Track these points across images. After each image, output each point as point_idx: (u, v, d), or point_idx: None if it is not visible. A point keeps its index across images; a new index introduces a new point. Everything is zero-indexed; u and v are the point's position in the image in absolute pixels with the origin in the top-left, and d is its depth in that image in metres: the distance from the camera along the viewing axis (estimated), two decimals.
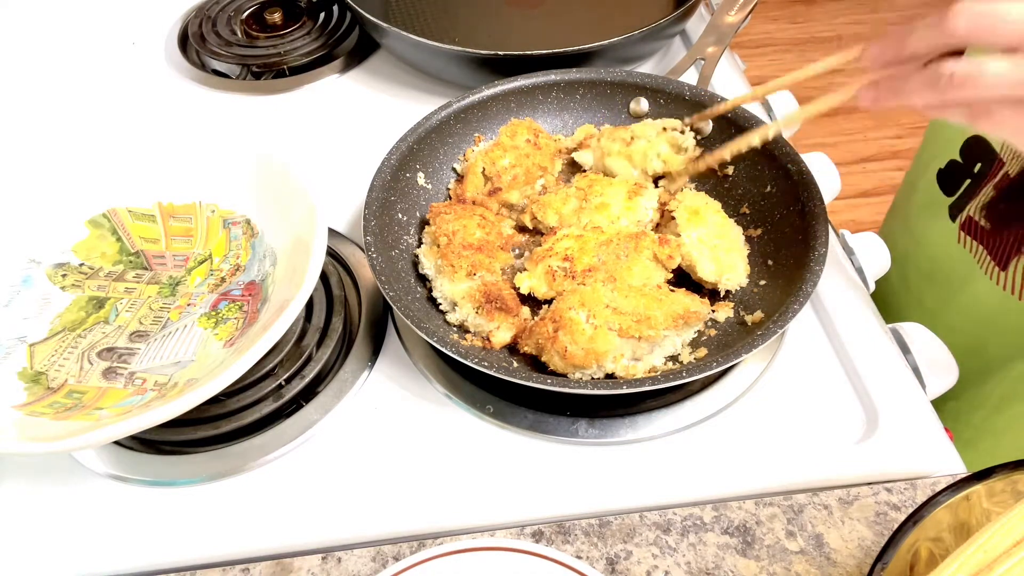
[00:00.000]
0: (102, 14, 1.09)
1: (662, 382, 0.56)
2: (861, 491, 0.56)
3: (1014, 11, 0.45)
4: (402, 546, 0.55)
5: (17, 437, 0.54)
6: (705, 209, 0.68)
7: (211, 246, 0.71)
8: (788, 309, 0.58)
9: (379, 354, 0.67)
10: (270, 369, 0.63)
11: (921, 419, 0.61)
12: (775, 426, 0.61)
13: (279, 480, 0.60)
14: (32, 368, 0.62)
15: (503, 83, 0.78)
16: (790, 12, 2.90)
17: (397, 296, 0.61)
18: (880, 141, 2.42)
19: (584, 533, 0.55)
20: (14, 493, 0.60)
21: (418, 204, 0.74)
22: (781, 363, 0.65)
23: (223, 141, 0.73)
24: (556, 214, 0.70)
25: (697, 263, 0.65)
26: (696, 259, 0.65)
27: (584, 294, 0.61)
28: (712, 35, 0.90)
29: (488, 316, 0.63)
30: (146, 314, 0.66)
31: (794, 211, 0.68)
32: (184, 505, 0.58)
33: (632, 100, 0.79)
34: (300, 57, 0.98)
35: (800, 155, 0.70)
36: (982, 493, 0.45)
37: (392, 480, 0.59)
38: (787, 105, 0.90)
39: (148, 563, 0.56)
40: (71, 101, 0.96)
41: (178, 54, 1.01)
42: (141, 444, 0.62)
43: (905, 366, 0.64)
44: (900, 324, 0.67)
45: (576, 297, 0.61)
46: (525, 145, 0.74)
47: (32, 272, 0.68)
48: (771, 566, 0.53)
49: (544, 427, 0.61)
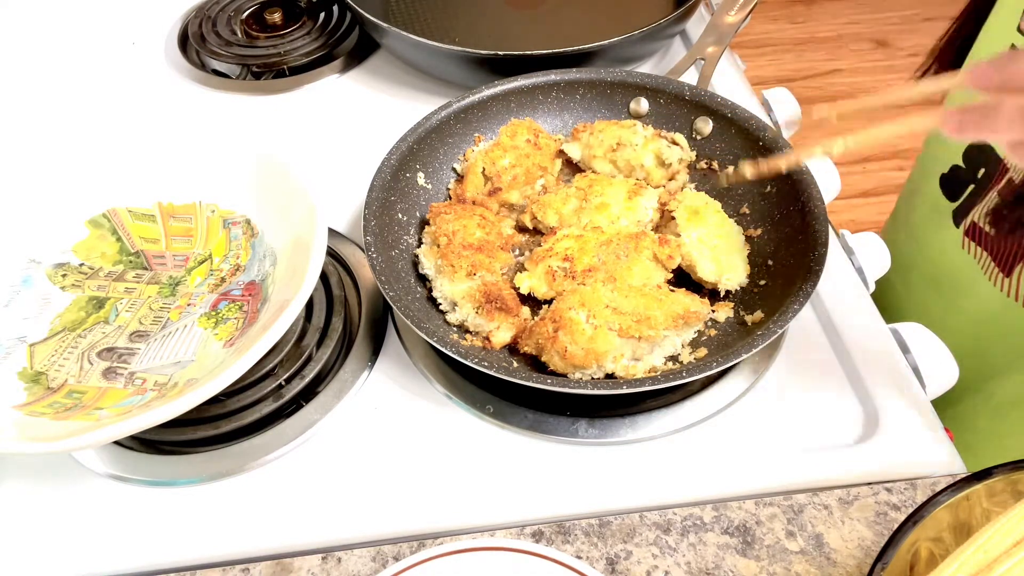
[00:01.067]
0: (102, 14, 1.09)
1: (662, 382, 0.56)
2: (861, 491, 0.56)
3: None
4: (402, 546, 0.55)
5: (17, 437, 0.54)
6: (705, 209, 0.68)
7: (211, 246, 0.71)
8: (788, 309, 0.58)
9: (379, 354, 0.67)
10: (270, 369, 0.63)
11: (921, 419, 0.61)
12: (775, 426, 0.61)
13: (279, 480, 0.60)
14: (32, 368, 0.62)
15: (503, 83, 0.78)
16: (790, 12, 2.90)
17: (397, 296, 0.61)
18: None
19: (584, 533, 0.55)
20: (14, 493, 0.60)
21: (418, 204, 0.74)
22: (781, 363, 0.65)
23: (223, 141, 0.73)
24: (556, 214, 0.70)
25: (697, 263, 0.65)
26: (696, 259, 0.65)
27: (584, 294, 0.61)
28: (712, 35, 0.90)
29: (488, 316, 0.63)
30: (146, 314, 0.66)
31: (794, 211, 0.67)
32: (184, 505, 0.58)
33: (632, 100, 0.79)
34: (300, 57, 0.98)
35: None
36: (982, 493, 0.45)
37: (392, 480, 0.59)
38: (787, 105, 0.90)
39: (148, 563, 0.56)
40: (71, 101, 0.96)
41: (178, 54, 1.01)
42: (141, 444, 0.62)
43: (905, 366, 0.64)
44: (900, 324, 0.67)
45: (576, 297, 0.61)
46: (525, 145, 0.74)
47: (32, 272, 0.68)
48: (771, 566, 0.53)
49: (544, 427, 0.61)
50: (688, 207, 0.68)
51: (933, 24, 2.76)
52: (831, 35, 2.81)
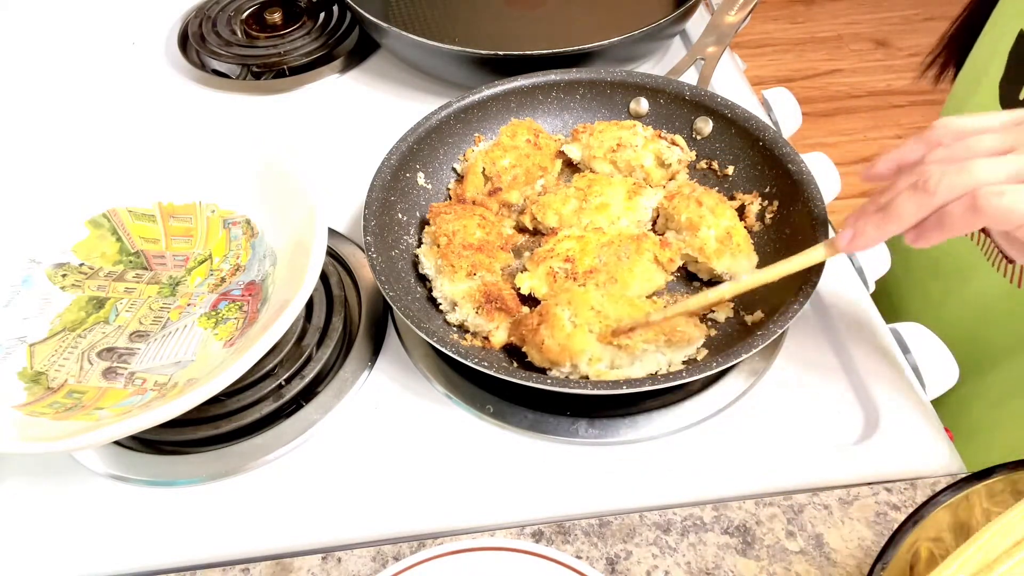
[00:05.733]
0: (102, 14, 1.09)
1: (662, 382, 0.55)
2: (861, 491, 0.56)
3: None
4: (402, 546, 0.55)
5: (17, 437, 0.53)
6: (710, 203, 0.68)
7: (211, 246, 0.71)
8: (788, 309, 0.58)
9: (379, 354, 0.67)
10: (270, 369, 0.63)
11: (921, 419, 0.61)
12: (775, 426, 0.61)
13: (279, 480, 0.60)
14: (32, 368, 0.62)
15: (503, 83, 0.78)
16: (790, 12, 2.90)
17: (397, 296, 0.61)
18: (880, 141, 2.42)
19: (584, 533, 0.55)
20: (14, 493, 0.60)
21: (418, 204, 0.74)
22: (781, 363, 0.65)
23: (223, 141, 0.73)
24: (556, 214, 0.70)
25: (711, 257, 0.65)
26: (705, 253, 0.65)
27: (574, 294, 0.61)
28: (712, 35, 0.90)
29: (488, 316, 0.63)
30: (146, 314, 0.66)
31: (794, 211, 0.68)
32: (184, 505, 0.58)
33: (632, 100, 0.79)
34: (300, 57, 0.98)
35: (800, 155, 0.70)
36: (982, 493, 0.45)
37: (392, 480, 0.59)
38: (787, 105, 0.90)
39: (148, 563, 0.56)
40: (71, 101, 0.96)
41: (178, 54, 1.01)
42: (141, 444, 0.62)
43: (905, 366, 0.64)
44: (900, 324, 0.67)
45: (566, 296, 0.61)
46: (525, 145, 0.74)
47: (32, 272, 0.68)
48: (771, 566, 0.53)
49: (544, 427, 0.61)
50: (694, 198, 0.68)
51: (933, 24, 2.76)
52: (831, 35, 2.81)
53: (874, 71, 2.65)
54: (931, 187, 0.48)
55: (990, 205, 0.46)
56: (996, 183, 0.47)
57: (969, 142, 0.49)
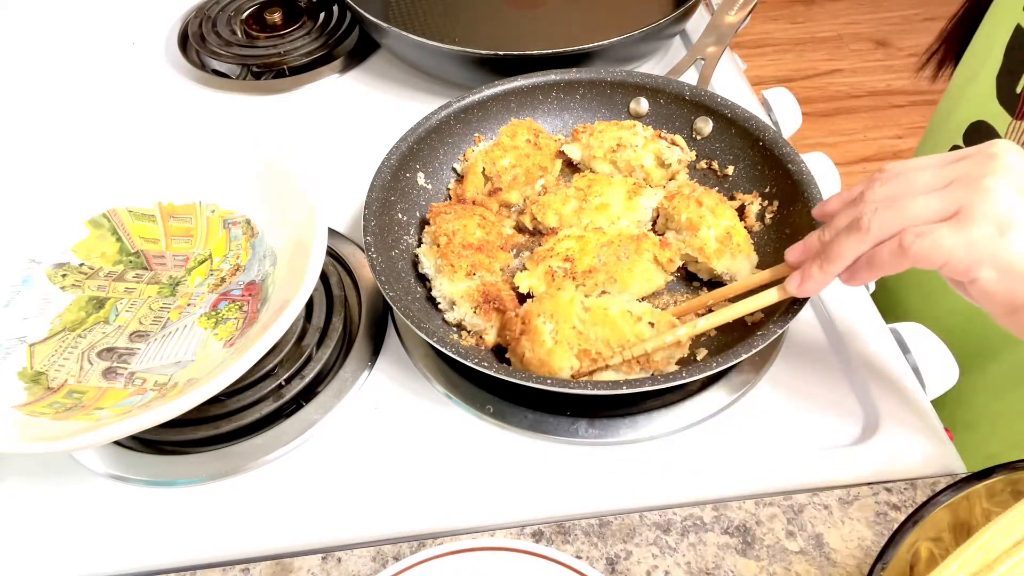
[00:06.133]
0: (102, 14, 1.09)
1: (662, 382, 0.55)
2: (861, 491, 0.56)
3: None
4: (402, 546, 0.55)
5: (17, 437, 0.53)
6: (710, 203, 0.68)
7: (211, 246, 0.71)
8: (788, 309, 0.58)
9: (379, 354, 0.67)
10: (270, 369, 0.63)
11: (921, 419, 0.61)
12: (775, 426, 0.61)
13: (279, 480, 0.60)
14: (32, 368, 0.62)
15: (503, 83, 0.78)
16: (790, 12, 2.90)
17: (397, 296, 0.61)
18: (880, 141, 2.42)
19: (584, 533, 0.55)
20: (14, 493, 0.60)
21: (418, 204, 0.74)
22: (781, 363, 0.65)
23: (223, 141, 0.73)
24: (556, 214, 0.70)
25: (711, 258, 0.65)
26: (705, 253, 0.65)
27: (559, 304, 0.60)
28: (712, 35, 0.90)
29: (485, 316, 0.63)
30: (146, 314, 0.66)
31: (794, 211, 0.68)
32: (184, 505, 0.58)
33: (632, 100, 0.79)
34: (300, 57, 0.98)
35: (800, 155, 0.70)
36: (982, 493, 0.45)
37: (392, 480, 0.59)
38: (787, 105, 0.90)
39: (148, 563, 0.56)
40: (71, 101, 0.96)
41: (178, 54, 1.01)
42: (141, 444, 0.62)
43: (905, 366, 0.64)
44: (900, 324, 0.67)
45: (550, 304, 0.60)
46: (525, 145, 0.74)
47: (32, 272, 0.68)
48: (771, 566, 0.53)
49: (544, 427, 0.61)
50: (694, 199, 0.68)
51: (933, 24, 2.75)
52: (831, 35, 2.81)
53: (874, 71, 2.65)
54: (864, 225, 0.49)
55: (912, 246, 0.47)
56: (927, 221, 0.47)
57: (909, 177, 0.49)
